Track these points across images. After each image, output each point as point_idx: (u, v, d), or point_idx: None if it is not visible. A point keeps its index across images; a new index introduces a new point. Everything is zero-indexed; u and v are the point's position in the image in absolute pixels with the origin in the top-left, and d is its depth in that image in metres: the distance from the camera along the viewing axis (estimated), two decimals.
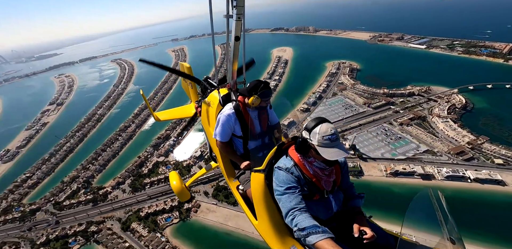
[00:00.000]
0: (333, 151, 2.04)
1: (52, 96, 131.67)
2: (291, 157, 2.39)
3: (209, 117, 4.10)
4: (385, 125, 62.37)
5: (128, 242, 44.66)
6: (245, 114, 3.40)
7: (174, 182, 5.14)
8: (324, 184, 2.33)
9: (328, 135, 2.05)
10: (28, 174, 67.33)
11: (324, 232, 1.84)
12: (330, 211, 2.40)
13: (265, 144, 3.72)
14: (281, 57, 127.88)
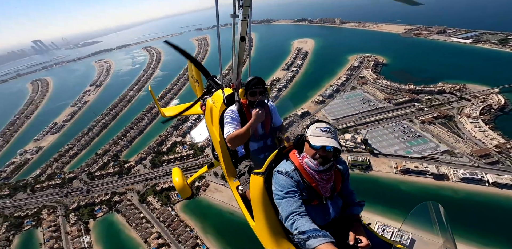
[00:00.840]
0: (321, 138, 2.07)
1: (92, 79, 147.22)
2: (291, 161, 2.34)
3: (212, 116, 3.99)
4: (405, 122, 58.03)
5: (143, 213, 48.77)
6: (248, 115, 3.31)
7: (177, 178, 5.05)
8: (322, 189, 2.26)
9: (322, 126, 2.12)
10: (70, 145, 76.42)
11: (325, 236, 1.79)
12: (328, 217, 2.33)
13: (267, 146, 3.59)
14: (301, 48, 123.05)
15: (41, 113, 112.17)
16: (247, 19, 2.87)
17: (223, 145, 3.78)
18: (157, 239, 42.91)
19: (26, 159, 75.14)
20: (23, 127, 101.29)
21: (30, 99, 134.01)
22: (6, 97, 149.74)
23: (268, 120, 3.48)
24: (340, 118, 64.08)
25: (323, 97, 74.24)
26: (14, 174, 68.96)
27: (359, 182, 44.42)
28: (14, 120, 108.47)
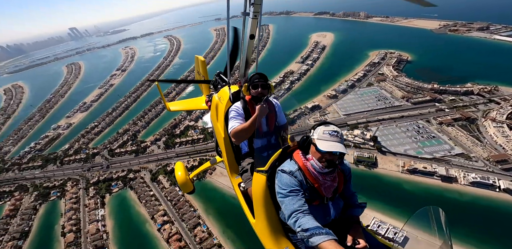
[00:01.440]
0: (329, 143, 2.02)
1: (119, 64, 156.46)
2: (295, 160, 2.31)
3: (218, 112, 3.94)
4: (420, 122, 54.77)
5: (153, 191, 51.64)
6: (252, 111, 3.26)
7: (179, 173, 4.97)
8: (324, 190, 2.23)
9: (329, 130, 2.07)
10: (96, 123, 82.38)
11: (328, 234, 1.76)
12: (328, 217, 2.32)
13: (271, 144, 3.52)
14: (319, 42, 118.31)
15: (73, 93, 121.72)
16: (257, 17, 2.79)
17: (227, 141, 3.77)
18: (162, 216, 45.43)
19: (58, 133, 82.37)
20: (57, 105, 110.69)
21: (64, 80, 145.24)
22: (45, 78, 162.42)
23: (272, 118, 3.42)
24: (351, 114, 62.02)
25: (337, 92, 71.86)
26: (47, 147, 75.89)
27: (362, 178, 43.48)
28: (50, 98, 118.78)
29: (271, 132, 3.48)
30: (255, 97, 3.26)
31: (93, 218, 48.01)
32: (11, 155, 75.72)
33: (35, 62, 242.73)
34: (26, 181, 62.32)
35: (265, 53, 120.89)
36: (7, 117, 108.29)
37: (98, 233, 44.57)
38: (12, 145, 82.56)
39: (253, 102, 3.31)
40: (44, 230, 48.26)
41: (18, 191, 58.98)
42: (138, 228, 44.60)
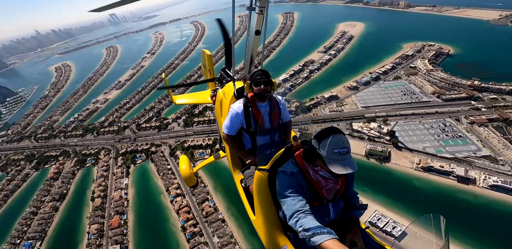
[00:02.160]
0: (342, 164, 1.86)
1: (149, 48, 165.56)
2: (297, 162, 2.24)
3: (222, 108, 3.90)
4: (448, 120, 49.74)
5: (170, 166, 55.47)
6: (255, 110, 3.19)
7: (184, 166, 4.94)
8: (326, 192, 2.19)
9: (339, 148, 1.86)
10: (127, 100, 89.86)
11: (329, 233, 1.72)
12: (327, 218, 2.28)
13: (274, 141, 3.44)
14: (347, 32, 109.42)
15: (110, 73, 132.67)
16: (263, 13, 2.65)
17: None
18: (176, 189, 48.82)
19: (97, 107, 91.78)
20: (97, 82, 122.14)
21: (104, 61, 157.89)
22: (88, 58, 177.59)
23: (276, 115, 3.32)
24: (371, 106, 58.39)
25: (358, 83, 67.54)
26: (87, 118, 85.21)
27: (371, 170, 42.00)
28: (92, 76, 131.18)
29: (274, 129, 3.36)
30: (258, 94, 3.12)
31: (118, 186, 53.13)
32: (59, 123, 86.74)
33: (81, 45, 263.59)
34: (69, 148, 71.23)
35: (286, 41, 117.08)
36: (57, 91, 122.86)
37: (121, 200, 49.47)
38: (60, 114, 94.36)
39: (256, 99, 3.20)
40: (78, 194, 54.44)
41: (62, 156, 67.93)
42: (154, 198, 48.72)
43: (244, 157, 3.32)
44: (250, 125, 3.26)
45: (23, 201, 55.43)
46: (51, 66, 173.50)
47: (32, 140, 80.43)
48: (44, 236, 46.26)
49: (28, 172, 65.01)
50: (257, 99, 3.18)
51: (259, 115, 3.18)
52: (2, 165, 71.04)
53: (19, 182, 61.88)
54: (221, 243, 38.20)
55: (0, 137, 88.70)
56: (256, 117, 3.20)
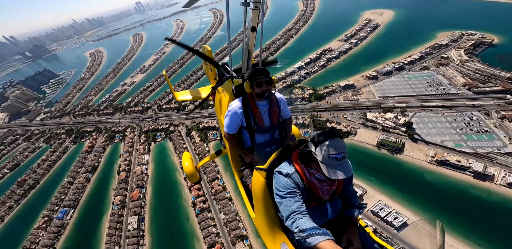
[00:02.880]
0: (337, 170, 1.81)
1: (171, 34, 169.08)
2: (293, 163, 2.20)
3: (221, 105, 3.81)
4: (476, 114, 45.11)
5: (186, 144, 58.54)
6: (254, 108, 3.09)
7: (186, 163, 4.80)
8: (322, 193, 2.15)
9: (335, 153, 1.79)
10: (150, 83, 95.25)
11: (325, 234, 1.70)
12: (325, 218, 2.24)
13: (273, 139, 3.35)
14: (372, 20, 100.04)
15: (137, 58, 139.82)
16: (258, 8, 2.51)
17: None
18: None
19: (125, 89, 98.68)
20: (125, 66, 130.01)
21: (131, 47, 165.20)
22: (118, 45, 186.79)
23: (275, 113, 3.19)
24: (389, 97, 54.70)
25: (378, 73, 62.91)
26: (116, 99, 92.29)
27: (380, 161, 40.77)
28: (121, 61, 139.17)
29: (274, 127, 3.25)
30: (259, 94, 2.97)
31: (140, 161, 57.64)
32: (92, 103, 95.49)
33: (111, 32, 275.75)
34: (101, 124, 78.12)
35: (305, 29, 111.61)
36: (91, 74, 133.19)
37: (141, 175, 53.80)
38: (94, 95, 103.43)
39: (255, 97, 3.06)
40: (107, 167, 59.98)
41: (95, 132, 74.89)
42: (170, 175, 52.24)
43: (245, 155, 3.25)
44: (250, 123, 3.15)
45: (62, 171, 62.98)
46: (86, 52, 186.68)
47: (71, 116, 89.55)
48: (77, 204, 52.38)
49: (67, 145, 73.30)
50: (256, 97, 3.06)
51: (258, 113, 3.08)
52: (47, 137, 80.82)
53: (60, 153, 70.21)
54: (226, 219, 40.30)
55: (45, 113, 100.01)
56: (255, 115, 3.07)
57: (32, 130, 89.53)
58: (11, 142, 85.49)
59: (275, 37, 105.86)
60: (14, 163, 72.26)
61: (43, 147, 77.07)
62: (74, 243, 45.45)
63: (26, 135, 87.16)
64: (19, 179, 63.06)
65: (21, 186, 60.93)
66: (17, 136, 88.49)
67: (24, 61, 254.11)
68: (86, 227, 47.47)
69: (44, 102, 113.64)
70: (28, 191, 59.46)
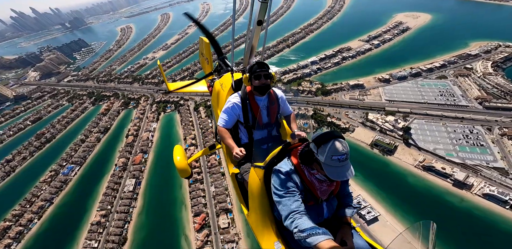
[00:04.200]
0: (339, 171, 1.75)
1: (195, 17, 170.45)
2: (292, 161, 2.13)
3: (219, 99, 3.65)
4: (478, 128, 43.85)
5: (192, 118, 61.14)
6: (253, 103, 2.99)
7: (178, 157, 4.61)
8: (320, 193, 2.11)
9: (338, 155, 1.70)
10: (170, 60, 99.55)
11: (325, 234, 1.66)
12: (321, 217, 2.21)
13: (271, 136, 3.23)
14: (403, 23, 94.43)
15: (161, 36, 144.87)
16: (267, 1, 2.39)
17: None
18: (192, 139, 54.61)
19: (145, 62, 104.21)
20: (149, 43, 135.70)
21: (157, 26, 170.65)
22: (146, 23, 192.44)
23: (274, 109, 3.10)
24: (396, 101, 53.82)
25: (392, 77, 61.22)
26: (137, 70, 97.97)
27: (370, 159, 41.51)
28: (146, 37, 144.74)
29: (272, 124, 3.17)
30: (257, 88, 2.88)
31: (147, 128, 61.21)
32: (115, 71, 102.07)
33: (143, 10, 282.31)
34: (119, 91, 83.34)
35: (328, 25, 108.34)
36: (119, 47, 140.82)
37: (147, 141, 57.24)
38: (118, 65, 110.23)
39: (255, 93, 2.97)
40: (118, 130, 63.96)
41: (113, 97, 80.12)
42: (172, 143, 54.48)
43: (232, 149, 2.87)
44: (247, 119, 3.03)
45: (77, 129, 68.03)
46: (117, 27, 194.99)
47: (95, 81, 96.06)
48: (84, 162, 56.13)
49: (86, 106, 79.16)
50: (256, 92, 2.95)
51: (257, 109, 2.97)
52: (70, 97, 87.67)
53: (79, 112, 76.06)
54: (216, 192, 42.49)
55: (72, 76, 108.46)
56: (254, 111, 2.98)
57: (58, 89, 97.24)
58: (38, 97, 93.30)
59: (295, 30, 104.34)
60: (37, 116, 78.87)
61: (65, 105, 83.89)
62: (71, 200, 48.18)
63: (53, 93, 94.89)
64: (39, 131, 68.56)
65: (38, 138, 66.29)
66: (45, 92, 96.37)
67: (63, 31, 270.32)
68: (86, 186, 50.01)
69: (73, 67, 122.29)
70: (44, 144, 64.44)
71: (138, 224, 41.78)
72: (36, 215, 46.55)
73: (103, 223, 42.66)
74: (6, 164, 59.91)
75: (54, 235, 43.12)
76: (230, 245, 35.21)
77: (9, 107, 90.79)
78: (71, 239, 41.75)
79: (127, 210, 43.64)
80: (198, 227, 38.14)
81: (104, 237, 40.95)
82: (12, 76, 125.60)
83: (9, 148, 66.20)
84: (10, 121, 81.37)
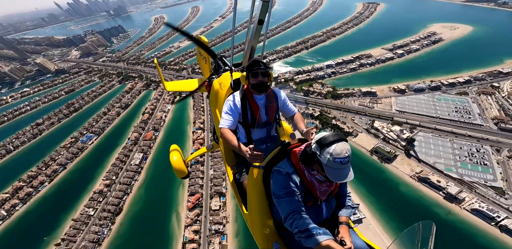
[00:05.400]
0: (341, 173, 1.71)
1: (222, 12, 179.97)
2: (292, 162, 2.07)
3: (217, 99, 3.59)
4: (486, 148, 42.07)
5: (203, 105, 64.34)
6: (252, 102, 2.86)
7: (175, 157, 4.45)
8: (320, 194, 2.06)
9: (341, 157, 1.66)
10: (192, 50, 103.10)
11: (325, 234, 1.66)
12: (320, 218, 2.16)
13: (270, 136, 3.13)
14: (436, 34, 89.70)
15: (189, 27, 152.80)
16: (268, 1, 2.35)
17: None
18: (201, 123, 57.65)
19: (171, 50, 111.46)
20: (177, 33, 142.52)
21: (187, 17, 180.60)
22: (178, 14, 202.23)
23: (273, 108, 2.97)
24: (406, 112, 52.66)
25: (409, 88, 59.59)
26: (162, 56, 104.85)
27: (366, 164, 41.72)
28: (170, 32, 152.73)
29: (270, 123, 3.08)
30: (254, 86, 2.78)
31: (162, 109, 65.38)
32: (144, 56, 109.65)
33: (177, 2, 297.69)
34: (144, 73, 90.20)
35: (352, 31, 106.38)
36: (150, 34, 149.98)
37: (160, 120, 61.21)
38: (146, 50, 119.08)
39: (253, 91, 2.88)
40: (136, 108, 69.07)
41: (137, 78, 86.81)
42: (182, 126, 58.72)
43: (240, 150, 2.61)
44: (246, 118, 2.94)
45: (102, 103, 74.50)
46: (152, 17, 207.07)
47: (125, 63, 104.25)
48: (101, 133, 61.21)
49: (114, 84, 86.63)
50: (254, 91, 2.86)
51: (255, 108, 2.88)
52: (101, 75, 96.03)
53: (106, 88, 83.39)
54: (213, 175, 44.52)
55: (107, 57, 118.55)
56: (252, 110, 2.89)
57: (93, 67, 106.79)
58: (74, 73, 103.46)
59: (317, 33, 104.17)
60: (71, 88, 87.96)
61: (96, 81, 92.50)
62: (83, 167, 51.65)
63: (88, 70, 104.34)
64: (69, 101, 76.26)
65: (68, 107, 73.72)
66: (81, 69, 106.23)
67: (106, 17, 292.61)
68: (99, 155, 53.69)
69: (109, 50, 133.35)
70: (71, 113, 71.49)
71: (136, 197, 43.85)
72: (48, 178, 49.90)
73: (104, 192, 44.96)
74: (35, 126, 66.51)
75: (58, 199, 45.75)
76: (217, 226, 36.76)
77: (49, 79, 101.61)
78: (72, 206, 44.11)
79: (129, 182, 46.10)
80: (191, 206, 39.94)
81: (102, 206, 42.85)
82: (58, 53, 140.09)
83: (42, 113, 74.06)
84: (47, 90, 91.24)
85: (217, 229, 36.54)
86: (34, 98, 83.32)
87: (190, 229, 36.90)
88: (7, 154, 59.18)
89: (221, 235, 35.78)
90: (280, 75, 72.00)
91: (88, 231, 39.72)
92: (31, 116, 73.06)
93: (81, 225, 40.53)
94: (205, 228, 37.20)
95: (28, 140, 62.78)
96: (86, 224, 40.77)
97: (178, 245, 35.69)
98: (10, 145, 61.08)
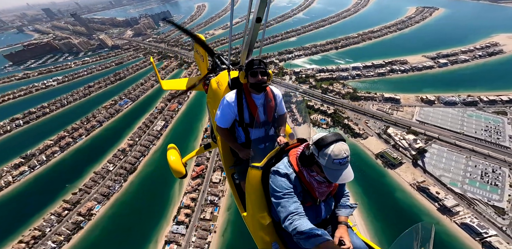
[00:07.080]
0: (340, 174, 1.69)
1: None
2: (291, 162, 2.05)
3: (215, 97, 3.46)
4: (504, 169, 38.92)
5: None
6: (250, 101, 2.81)
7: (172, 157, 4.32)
8: (319, 194, 2.03)
9: (340, 158, 1.64)
10: (224, 38, 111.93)
11: (324, 235, 1.62)
12: (319, 218, 2.13)
13: (268, 136, 3.03)
14: (497, 45, 79.15)
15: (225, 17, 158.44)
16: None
17: None
18: None
19: (206, 37, 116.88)
20: (215, 21, 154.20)
21: (225, 7, 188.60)
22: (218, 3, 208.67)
23: (271, 108, 2.91)
24: (429, 124, 49.72)
25: (439, 100, 55.44)
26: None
27: (368, 167, 41.71)
28: (213, 16, 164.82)
29: (269, 122, 2.97)
30: (253, 85, 2.69)
31: None
32: (182, 40, 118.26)
33: None
34: (179, 54, 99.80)
35: (393, 35, 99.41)
36: (191, 21, 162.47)
37: (185, 95, 64.74)
38: (185, 35, 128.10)
39: (251, 90, 2.78)
40: None
41: (173, 58, 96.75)
42: (197, 114, 60.12)
43: (239, 151, 2.87)
44: (243, 117, 2.86)
45: (141, 75, 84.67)
46: (196, 4, 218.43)
47: (166, 44, 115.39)
48: (136, 99, 69.77)
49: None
50: (252, 90, 2.76)
51: (254, 107, 2.80)
52: (146, 52, 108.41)
53: (147, 64, 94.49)
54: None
55: (153, 38, 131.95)
56: (250, 109, 2.81)
57: (141, 45, 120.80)
58: (125, 49, 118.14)
59: (351, 34, 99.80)
60: (120, 61, 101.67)
61: (140, 57, 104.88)
62: (115, 126, 58.69)
63: (136, 47, 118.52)
64: (117, 71, 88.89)
65: (115, 76, 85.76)
66: (131, 46, 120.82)
67: (158, 3, 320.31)
68: (129, 118, 60.47)
69: (156, 32, 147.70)
70: (116, 81, 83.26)
71: (151, 159, 47.98)
72: (86, 132, 57.49)
73: (126, 151, 49.88)
74: (87, 88, 79.36)
75: (89, 152, 51.27)
76: (213, 197, 39.57)
77: (106, 52, 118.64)
78: (97, 160, 48.84)
79: (148, 145, 51.10)
80: (195, 175, 43.15)
81: (121, 163, 47.12)
82: (116, 32, 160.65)
83: (94, 78, 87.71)
84: (102, 60, 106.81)
85: (213, 200, 39.07)
86: (91, 66, 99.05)
87: (188, 196, 39.98)
88: (61, 107, 71.15)
89: (214, 206, 38.36)
90: (302, 70, 72.05)
91: (103, 184, 43.80)
92: (85, 80, 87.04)
93: (99, 178, 45.29)
94: (202, 197, 40.03)
95: (79, 98, 74.92)
96: (103, 178, 45.31)
97: (174, 209, 38.96)
98: (65, 100, 73.55)
